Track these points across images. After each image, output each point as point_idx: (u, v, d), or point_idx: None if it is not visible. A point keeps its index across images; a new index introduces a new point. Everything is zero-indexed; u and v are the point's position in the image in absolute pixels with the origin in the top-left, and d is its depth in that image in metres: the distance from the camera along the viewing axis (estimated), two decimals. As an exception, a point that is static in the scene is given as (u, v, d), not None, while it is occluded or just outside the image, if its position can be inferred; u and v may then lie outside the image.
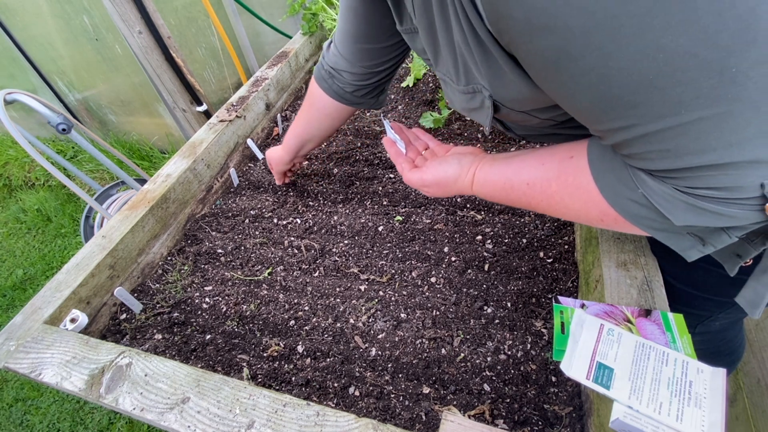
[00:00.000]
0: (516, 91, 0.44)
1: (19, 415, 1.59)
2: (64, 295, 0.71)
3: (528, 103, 0.47)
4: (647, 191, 0.39)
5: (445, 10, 0.43)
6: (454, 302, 0.75)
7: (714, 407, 0.45)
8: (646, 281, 0.61)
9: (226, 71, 2.22)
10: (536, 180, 0.51)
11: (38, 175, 2.69)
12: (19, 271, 2.15)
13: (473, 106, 0.54)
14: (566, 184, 0.48)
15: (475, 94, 0.51)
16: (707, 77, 0.29)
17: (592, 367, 0.50)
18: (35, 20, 2.05)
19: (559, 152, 0.50)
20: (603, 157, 0.43)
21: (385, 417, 0.61)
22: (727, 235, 0.40)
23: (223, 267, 0.89)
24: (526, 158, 0.54)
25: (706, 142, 0.32)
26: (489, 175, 0.58)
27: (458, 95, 0.55)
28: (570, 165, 0.47)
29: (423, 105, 1.28)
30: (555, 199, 0.50)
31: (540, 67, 0.37)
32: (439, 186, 0.65)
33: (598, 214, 0.45)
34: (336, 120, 0.87)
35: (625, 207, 0.42)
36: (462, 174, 0.62)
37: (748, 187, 0.33)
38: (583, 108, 0.38)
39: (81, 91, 2.39)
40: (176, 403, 0.53)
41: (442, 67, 0.54)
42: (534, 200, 0.53)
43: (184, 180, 0.96)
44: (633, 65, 0.30)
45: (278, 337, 0.75)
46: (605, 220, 0.46)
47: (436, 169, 0.64)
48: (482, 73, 0.46)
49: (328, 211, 0.98)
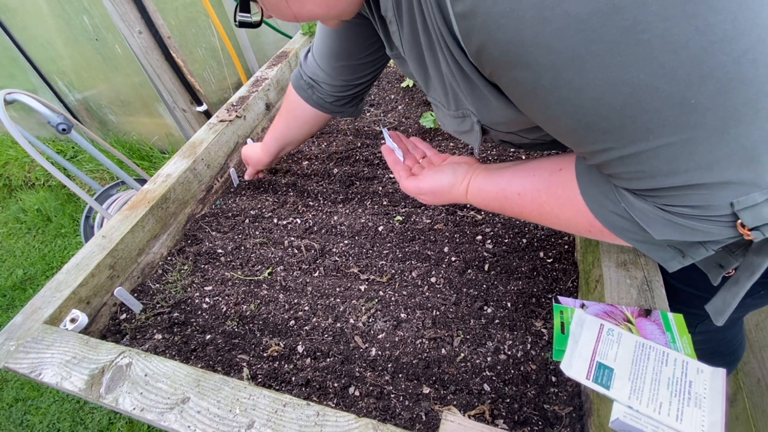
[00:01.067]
0: (501, 115, 0.47)
1: (19, 415, 1.59)
2: (64, 295, 0.71)
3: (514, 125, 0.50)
4: (628, 206, 0.42)
5: (432, 45, 0.45)
6: (454, 302, 0.75)
7: (714, 407, 0.45)
8: (646, 281, 0.61)
9: (226, 71, 2.22)
10: (527, 190, 0.53)
11: (38, 175, 2.69)
12: (19, 271, 2.15)
13: (464, 129, 0.56)
14: (556, 196, 0.50)
15: (465, 119, 0.54)
16: (669, 107, 0.31)
17: (592, 367, 0.50)
18: (35, 20, 2.05)
19: (549, 164, 0.52)
20: (589, 171, 0.45)
21: (385, 417, 0.61)
22: (705, 248, 0.42)
23: (223, 267, 0.89)
24: (518, 169, 0.56)
25: (676, 165, 0.35)
26: (483, 185, 0.61)
27: (449, 119, 0.57)
28: (559, 177, 0.49)
29: (423, 105, 1.28)
30: (545, 209, 0.52)
31: (520, 96, 0.39)
32: (435, 194, 0.67)
33: (586, 224, 0.47)
34: (314, 126, 0.90)
35: (609, 219, 0.44)
36: (457, 183, 0.64)
37: (718, 205, 0.36)
38: (563, 132, 0.40)
39: (81, 91, 2.39)
40: (176, 403, 0.53)
41: (433, 92, 0.56)
42: (526, 210, 0.55)
43: (184, 180, 0.96)
44: (602, 96, 0.33)
45: (278, 337, 0.75)
46: (593, 231, 0.48)
47: (432, 178, 0.66)
48: (469, 101, 0.49)
49: (328, 211, 0.98)
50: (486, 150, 1.08)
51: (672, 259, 0.45)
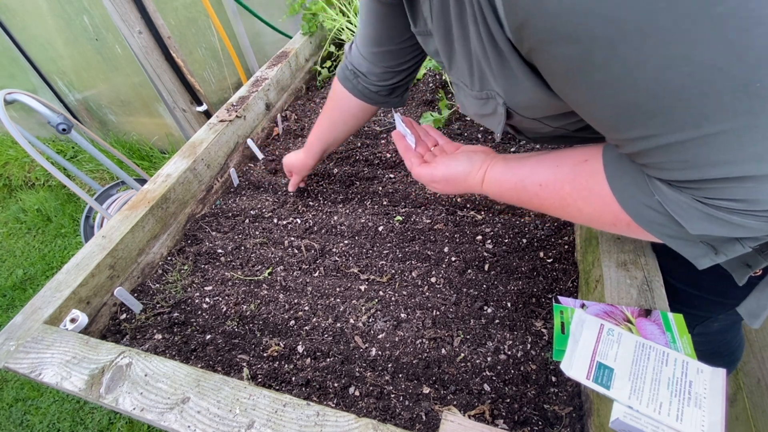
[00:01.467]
0: (530, 98, 0.44)
1: (19, 415, 1.59)
2: (64, 295, 0.71)
3: (542, 111, 0.47)
4: (663, 199, 0.39)
5: (464, 16, 0.43)
6: (454, 302, 0.75)
7: (714, 407, 0.45)
8: (646, 281, 0.61)
9: (226, 71, 2.22)
10: (549, 182, 0.51)
11: (38, 175, 2.69)
12: (19, 271, 2.15)
13: (486, 112, 0.54)
14: (580, 188, 0.47)
15: (488, 101, 0.51)
16: (731, 91, 0.29)
17: (592, 367, 0.50)
18: (35, 20, 2.05)
19: (573, 155, 0.49)
20: (619, 162, 0.43)
21: (385, 417, 0.61)
22: (741, 245, 0.40)
23: (223, 267, 0.89)
24: (540, 160, 0.53)
25: (727, 155, 0.32)
26: (501, 175, 0.58)
27: (471, 100, 0.54)
28: (584, 168, 0.47)
29: (423, 105, 1.28)
30: (567, 201, 0.49)
31: (561, 75, 0.37)
32: (448, 183, 0.64)
33: (611, 218, 0.45)
34: (360, 119, 0.87)
35: (640, 212, 0.42)
36: (473, 172, 0.61)
37: (765, 200, 0.34)
38: (603, 116, 0.38)
39: (81, 91, 2.39)
40: (176, 403, 0.53)
41: (456, 71, 0.54)
42: (546, 202, 0.52)
43: (184, 180, 0.96)
44: (657, 76, 0.30)
45: (278, 337, 0.75)
46: (618, 225, 0.45)
47: (447, 165, 0.64)
48: (497, 81, 0.46)
49: (328, 211, 0.98)
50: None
51: (704, 256, 0.43)
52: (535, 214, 0.89)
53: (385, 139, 1.17)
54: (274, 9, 2.00)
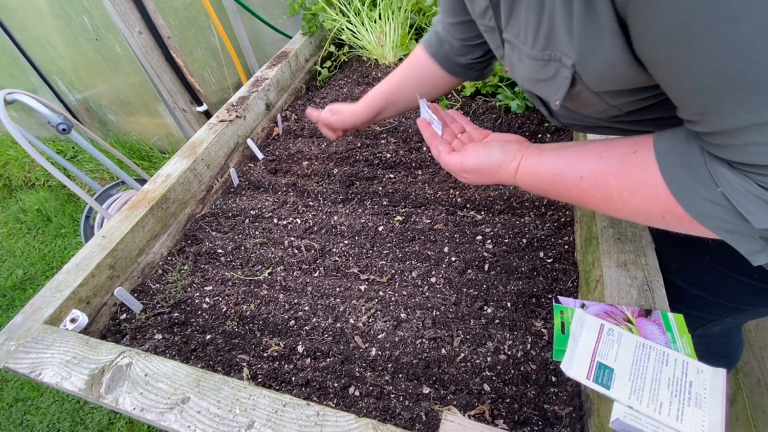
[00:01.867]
0: (608, 64, 0.41)
1: (19, 415, 1.59)
2: (64, 295, 0.71)
3: (611, 82, 0.44)
4: (729, 191, 0.37)
5: None
6: (454, 302, 0.75)
7: (714, 407, 0.45)
8: (647, 281, 0.61)
9: (226, 71, 2.22)
10: (592, 174, 0.48)
11: (38, 175, 2.69)
12: (19, 271, 2.15)
13: (544, 77, 0.49)
14: (628, 179, 0.45)
15: (550, 63, 0.47)
16: None
17: (592, 367, 0.50)
18: (35, 20, 2.05)
19: (619, 146, 0.47)
20: (675, 153, 0.41)
21: (385, 417, 0.61)
22: None
23: (223, 267, 0.89)
24: (581, 150, 0.51)
25: None
26: (537, 165, 0.55)
27: (528, 62, 0.50)
28: (634, 159, 0.44)
29: (423, 105, 1.28)
30: (612, 194, 0.47)
31: (658, 35, 0.33)
32: (479, 173, 0.60)
33: (661, 211, 0.43)
34: (430, 87, 0.80)
35: (697, 206, 0.40)
36: (506, 162, 0.58)
37: None
38: (694, 87, 0.34)
39: (81, 91, 2.39)
40: (176, 403, 0.53)
41: (514, 26, 0.49)
42: (586, 194, 0.50)
43: (184, 180, 0.96)
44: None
45: (278, 337, 0.75)
46: (667, 218, 0.43)
47: (479, 154, 0.60)
48: (573, 40, 0.42)
49: (328, 211, 0.98)
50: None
51: (760, 251, 0.40)
52: (535, 213, 0.89)
53: (385, 139, 1.17)
54: (274, 9, 2.00)
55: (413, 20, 1.48)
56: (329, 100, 1.35)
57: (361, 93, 1.34)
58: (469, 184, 0.83)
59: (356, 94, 1.34)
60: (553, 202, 0.89)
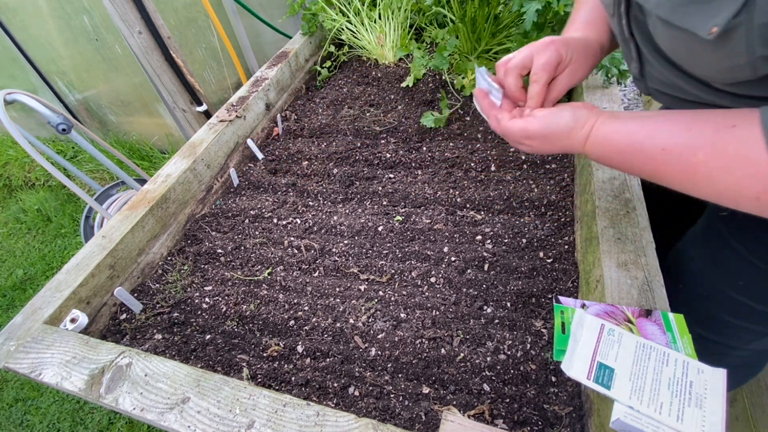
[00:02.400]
0: None
1: (19, 415, 1.59)
2: (64, 295, 0.71)
3: None
4: None
5: None
6: (453, 302, 0.75)
7: (714, 407, 0.45)
8: (647, 281, 0.61)
9: (226, 71, 2.22)
10: (677, 147, 0.45)
11: (38, 175, 2.69)
12: (19, 271, 2.15)
13: None
14: (723, 155, 0.42)
15: None
16: None
17: (592, 367, 0.50)
18: (35, 20, 2.05)
19: (713, 118, 0.43)
20: None
21: (385, 417, 0.61)
22: None
23: (223, 267, 0.89)
24: (666, 120, 0.47)
25: None
26: (612, 134, 0.51)
27: None
28: (732, 134, 0.41)
29: (423, 105, 1.28)
30: (698, 169, 0.44)
31: None
32: (546, 139, 0.56)
33: (759, 190, 0.40)
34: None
35: None
36: (576, 127, 0.54)
37: None
38: None
39: (81, 91, 2.39)
40: (176, 403, 0.53)
41: None
42: (666, 167, 0.47)
43: (184, 180, 0.96)
44: None
45: (278, 337, 0.75)
46: (762, 198, 0.41)
47: (547, 118, 0.56)
48: None
49: (328, 211, 0.98)
50: (489, 150, 1.07)
51: None
52: (535, 213, 0.89)
53: (385, 139, 1.17)
54: (274, 9, 2.01)
55: (413, 20, 1.48)
56: (329, 100, 1.35)
57: (361, 93, 1.34)
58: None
59: (356, 94, 1.34)
60: (552, 202, 0.89)
